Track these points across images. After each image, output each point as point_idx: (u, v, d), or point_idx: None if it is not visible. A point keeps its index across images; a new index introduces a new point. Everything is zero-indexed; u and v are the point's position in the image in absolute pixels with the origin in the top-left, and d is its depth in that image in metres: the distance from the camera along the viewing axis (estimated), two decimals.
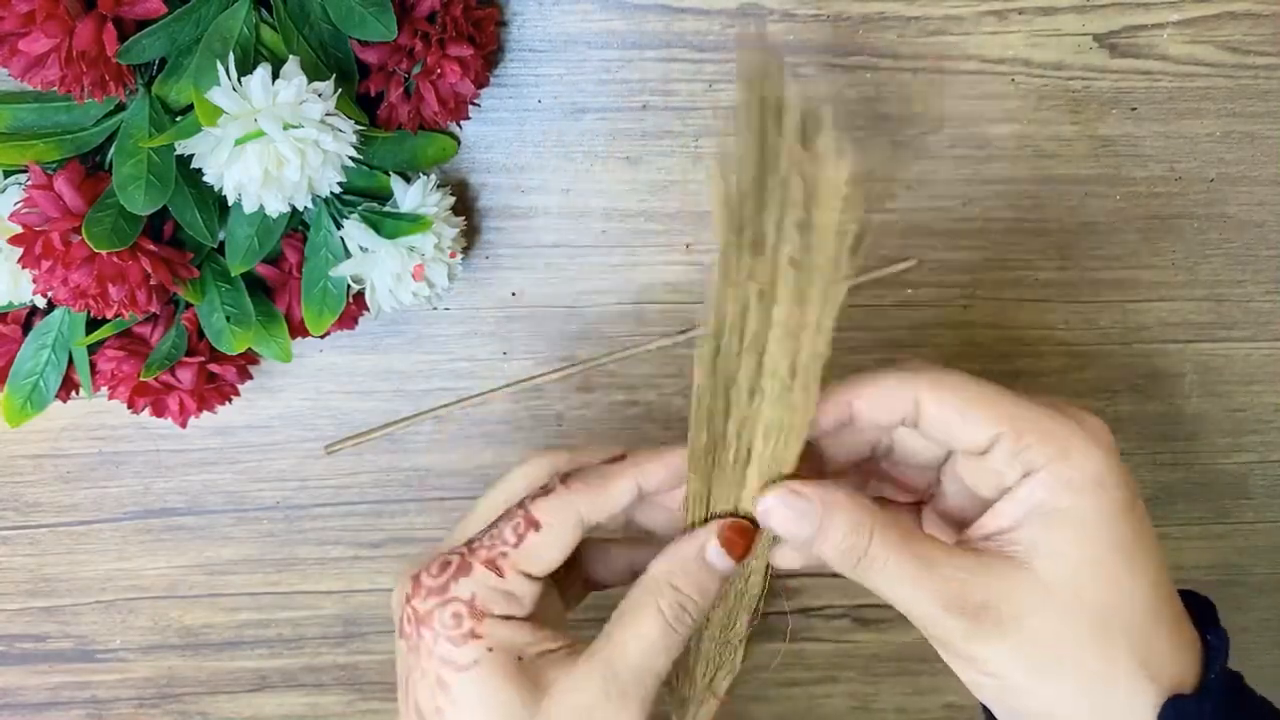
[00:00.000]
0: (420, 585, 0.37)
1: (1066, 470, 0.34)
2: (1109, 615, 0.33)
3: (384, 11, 0.38)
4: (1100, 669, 0.33)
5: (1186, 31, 0.46)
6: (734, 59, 0.45)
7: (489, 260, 0.48)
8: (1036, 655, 0.33)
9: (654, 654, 0.36)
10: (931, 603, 0.33)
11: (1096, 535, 0.34)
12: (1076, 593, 0.33)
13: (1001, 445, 0.34)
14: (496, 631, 0.36)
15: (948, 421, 0.35)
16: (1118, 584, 0.34)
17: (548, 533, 0.37)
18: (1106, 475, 0.34)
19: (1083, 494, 0.34)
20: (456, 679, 0.35)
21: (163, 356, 0.43)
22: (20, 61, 0.35)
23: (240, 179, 0.37)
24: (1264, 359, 0.51)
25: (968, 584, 0.34)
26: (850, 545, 0.34)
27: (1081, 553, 0.34)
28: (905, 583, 0.34)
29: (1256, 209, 0.49)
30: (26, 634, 0.53)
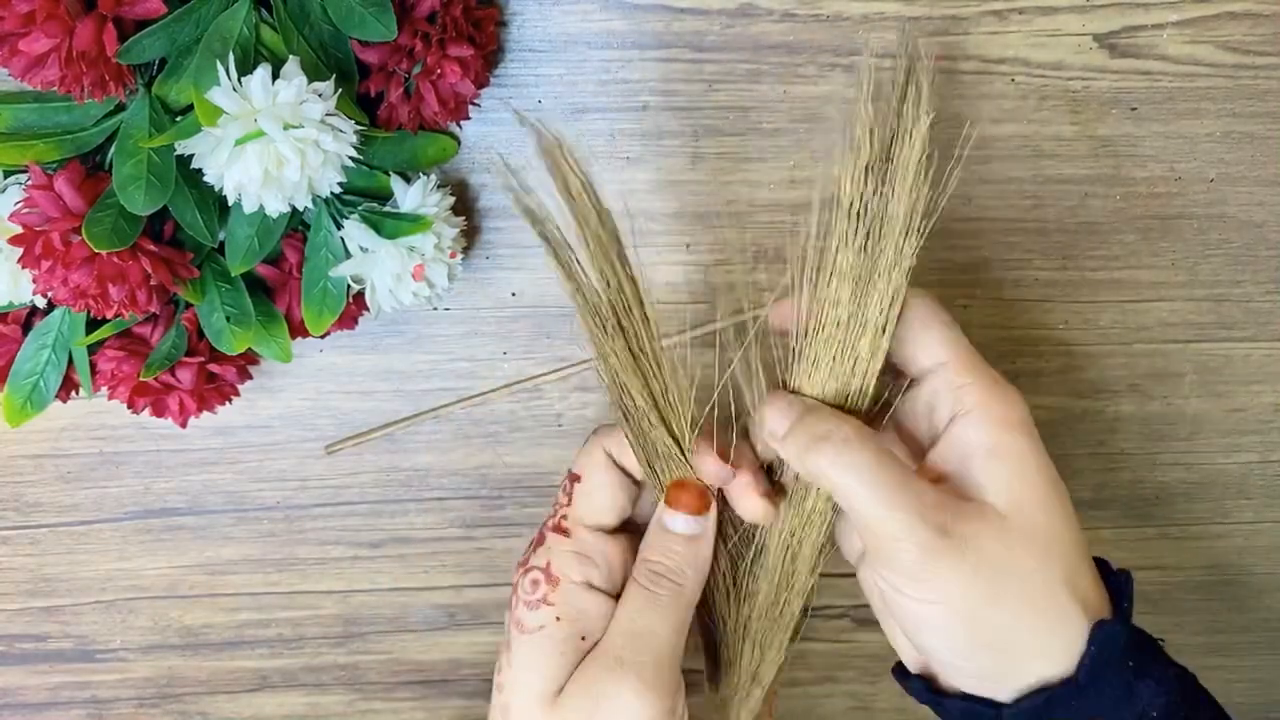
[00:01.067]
0: (518, 563, 0.40)
1: (1000, 411, 0.36)
2: (1049, 542, 0.36)
3: (384, 11, 0.38)
4: (1043, 590, 0.35)
5: (1186, 31, 0.46)
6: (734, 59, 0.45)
7: (489, 260, 0.48)
8: (991, 577, 0.35)
9: (638, 616, 0.38)
10: (901, 508, 0.35)
11: (1036, 470, 0.36)
12: (1024, 520, 0.35)
13: (943, 372, 0.37)
14: (569, 599, 0.38)
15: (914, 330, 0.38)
16: (1053, 515, 0.36)
17: (587, 479, 0.40)
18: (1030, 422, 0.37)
19: (1017, 433, 0.36)
20: (519, 640, 0.38)
21: (163, 356, 0.43)
22: (20, 61, 0.35)
23: (240, 179, 0.37)
24: (1264, 359, 0.51)
25: (936, 498, 0.35)
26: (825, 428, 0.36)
27: (1025, 485, 0.36)
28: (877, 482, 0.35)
29: (1256, 209, 0.49)
30: (26, 634, 0.53)
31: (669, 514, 0.39)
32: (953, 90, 0.46)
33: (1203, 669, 0.37)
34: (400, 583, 0.53)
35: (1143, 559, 0.55)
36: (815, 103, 0.46)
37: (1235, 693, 0.58)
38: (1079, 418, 0.52)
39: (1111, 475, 0.53)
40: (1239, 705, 0.58)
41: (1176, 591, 0.56)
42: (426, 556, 0.52)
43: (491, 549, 0.52)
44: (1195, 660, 0.38)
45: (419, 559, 0.52)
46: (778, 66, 0.45)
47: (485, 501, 0.52)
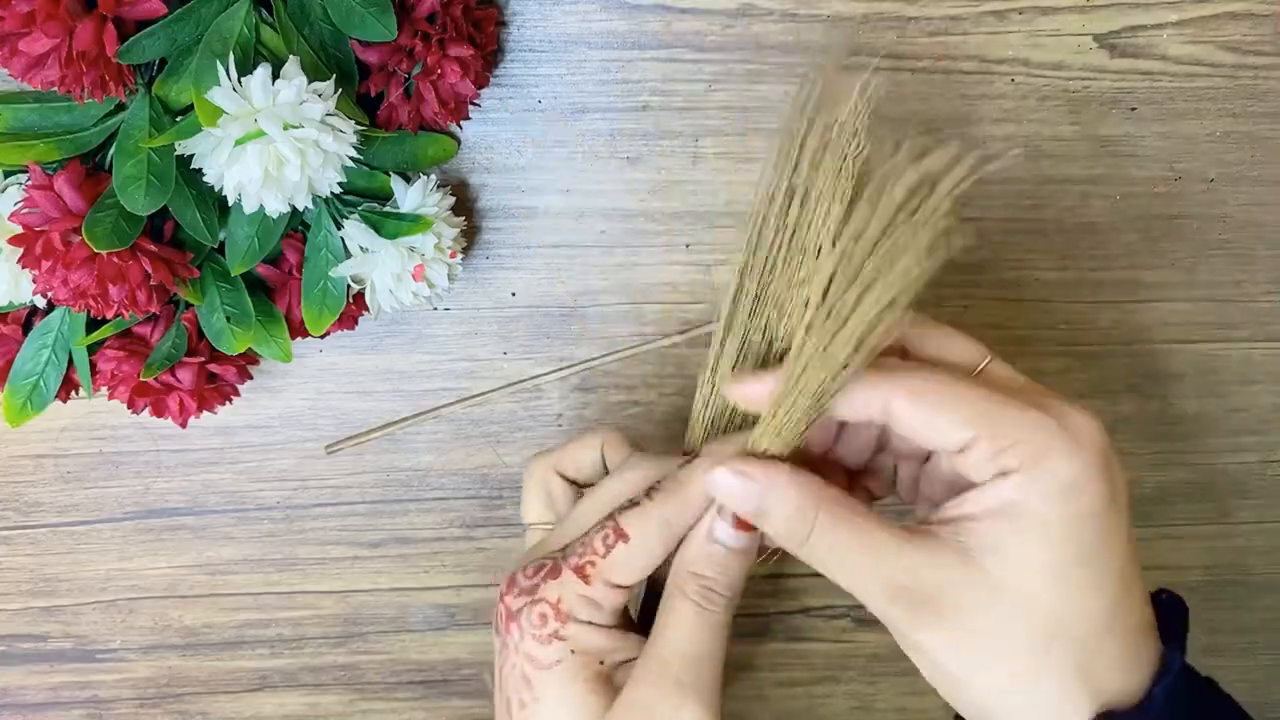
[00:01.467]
0: (514, 584, 0.38)
1: (1041, 475, 0.33)
2: (1057, 623, 0.33)
3: (384, 12, 0.38)
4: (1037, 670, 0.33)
5: (1186, 31, 0.46)
6: (734, 59, 0.45)
7: (489, 260, 0.48)
8: (974, 649, 0.33)
9: (696, 637, 0.37)
10: (874, 589, 0.34)
11: (1061, 542, 0.33)
12: (1028, 597, 0.33)
13: (978, 448, 0.34)
14: (580, 635, 0.37)
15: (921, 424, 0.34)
16: (1074, 594, 0.33)
17: (636, 543, 0.38)
18: (1083, 479, 0.33)
19: (1053, 500, 0.33)
20: (538, 676, 0.37)
21: (163, 357, 0.43)
22: (21, 61, 0.35)
23: (240, 179, 0.37)
24: (1264, 359, 0.51)
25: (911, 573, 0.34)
26: (793, 529, 0.35)
27: (1040, 558, 0.33)
28: (848, 568, 0.34)
29: (1256, 209, 0.49)
30: (26, 634, 0.53)
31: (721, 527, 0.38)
32: (953, 90, 0.46)
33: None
34: (400, 583, 0.53)
35: (1143, 559, 0.55)
36: None
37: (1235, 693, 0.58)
38: None
39: None
40: None
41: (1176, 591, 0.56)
42: (426, 556, 0.52)
43: (491, 549, 0.52)
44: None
45: (419, 559, 0.52)
46: (778, 66, 0.45)
47: (485, 501, 0.52)
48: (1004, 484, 0.33)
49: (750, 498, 0.35)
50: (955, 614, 0.33)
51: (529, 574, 0.38)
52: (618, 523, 0.38)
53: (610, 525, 0.38)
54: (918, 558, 0.34)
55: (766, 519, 0.35)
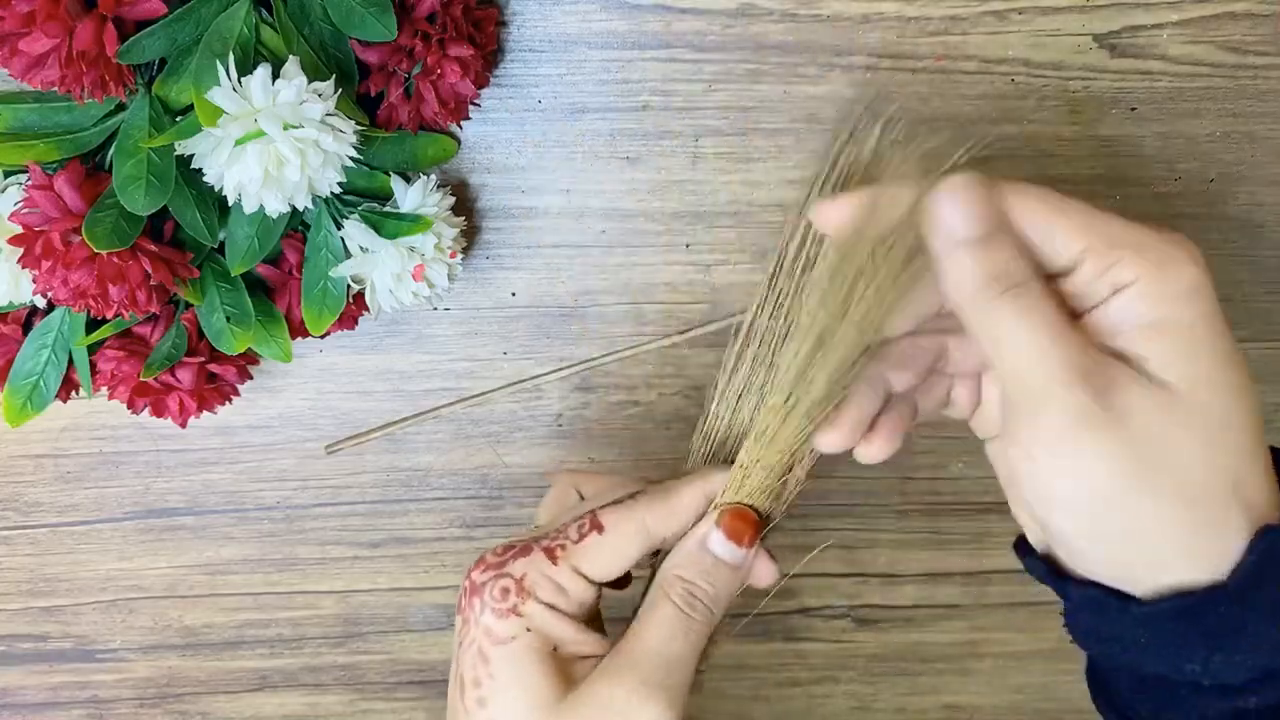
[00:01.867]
0: (483, 560, 0.38)
1: (1164, 282, 0.31)
2: (1221, 430, 0.31)
3: (384, 12, 0.38)
4: (1203, 485, 0.31)
5: (1186, 31, 0.46)
6: (734, 59, 0.45)
7: (489, 260, 0.48)
8: (1144, 459, 0.31)
9: (671, 640, 0.36)
10: (1061, 365, 0.31)
11: (1208, 344, 0.31)
12: (1195, 401, 0.31)
13: (1090, 261, 0.32)
14: (538, 615, 0.37)
15: (1041, 227, 0.33)
16: (1230, 399, 0.31)
17: (610, 537, 0.38)
18: (1203, 283, 0.32)
19: (1185, 304, 0.31)
20: (494, 651, 0.36)
21: (163, 357, 0.43)
22: (20, 61, 0.35)
23: (240, 179, 0.37)
24: (1264, 359, 0.51)
25: (1099, 361, 0.31)
26: (1009, 268, 0.32)
27: (1193, 362, 0.31)
28: (1042, 334, 0.31)
29: (1256, 209, 0.49)
30: (26, 634, 0.53)
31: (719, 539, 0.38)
32: (953, 90, 0.46)
33: None
34: (400, 583, 0.53)
35: None
36: (815, 103, 0.46)
37: None
38: None
39: None
40: None
41: None
42: (426, 556, 0.52)
43: None
44: None
45: (419, 559, 0.52)
46: (778, 66, 0.45)
47: (485, 501, 0.51)
48: (1125, 299, 0.32)
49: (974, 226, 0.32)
50: (1136, 414, 0.31)
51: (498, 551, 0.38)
52: (596, 515, 0.38)
53: (588, 515, 0.38)
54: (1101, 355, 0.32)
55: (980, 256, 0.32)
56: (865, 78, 0.46)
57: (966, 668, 0.56)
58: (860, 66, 0.46)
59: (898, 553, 0.53)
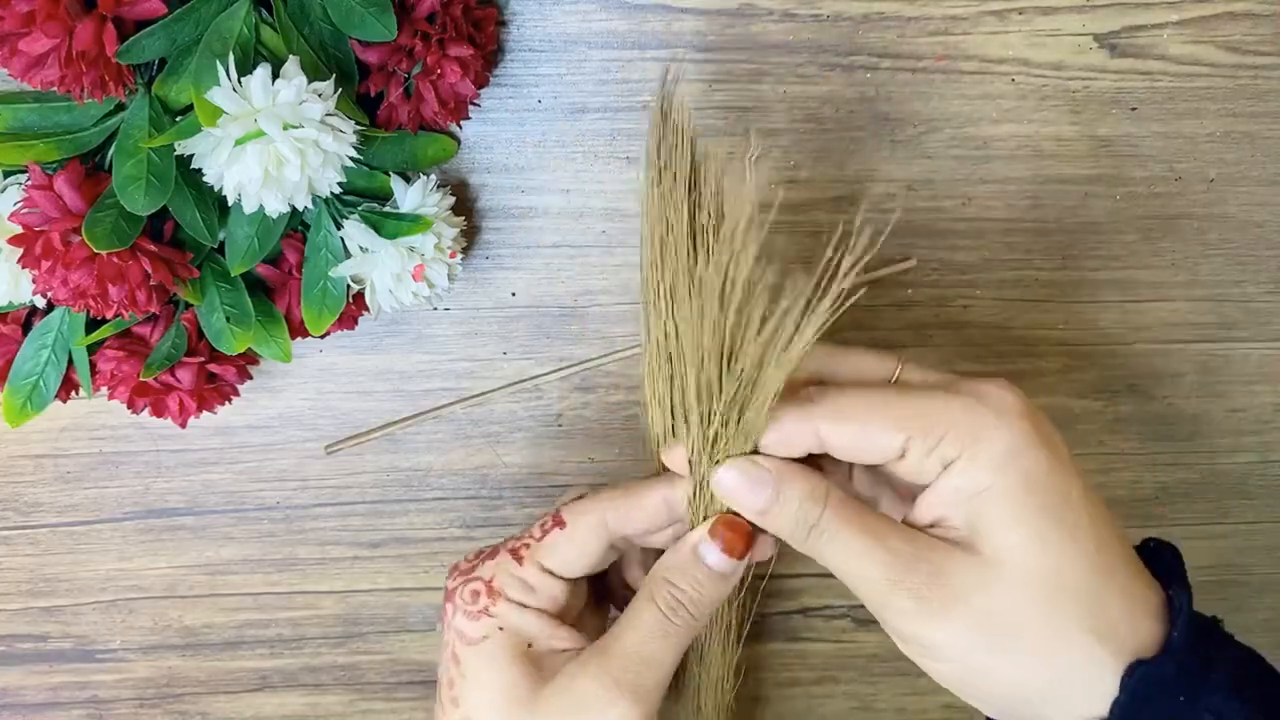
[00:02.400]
0: (455, 568, 0.40)
1: (980, 453, 0.33)
2: (1054, 583, 0.33)
3: (384, 11, 0.38)
4: (1052, 639, 0.33)
5: (1186, 31, 0.46)
6: (734, 59, 0.45)
7: (489, 260, 0.48)
8: (989, 632, 0.33)
9: (649, 641, 0.37)
10: (881, 578, 0.34)
11: (1025, 504, 0.33)
12: (1020, 564, 0.33)
13: (914, 447, 0.34)
14: (509, 614, 0.38)
15: (853, 442, 0.35)
16: (1058, 550, 0.33)
17: (571, 532, 0.39)
18: (1020, 443, 0.33)
19: (1000, 469, 0.33)
20: (466, 652, 0.37)
21: (163, 357, 0.43)
22: (20, 61, 0.35)
23: (240, 179, 0.37)
24: (1264, 359, 0.51)
25: (916, 557, 0.33)
26: (803, 516, 0.35)
27: (1016, 525, 0.33)
28: (855, 555, 0.34)
29: (1256, 209, 0.49)
30: (26, 634, 0.53)
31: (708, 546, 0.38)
32: (953, 90, 0.46)
33: None
34: (400, 583, 0.53)
35: None
36: (815, 103, 0.46)
37: None
38: (1079, 418, 0.52)
39: (1111, 475, 0.53)
40: None
41: None
42: (426, 556, 0.52)
43: None
44: None
45: (419, 559, 0.52)
46: (778, 66, 0.45)
47: (485, 501, 0.51)
48: (951, 474, 0.34)
49: (763, 489, 0.35)
50: (963, 598, 0.33)
51: (470, 558, 0.40)
52: (559, 512, 0.39)
53: (552, 513, 0.39)
54: (919, 545, 0.34)
55: (776, 512, 0.35)
56: (865, 78, 0.46)
57: None
58: (860, 66, 0.46)
59: None
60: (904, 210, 0.48)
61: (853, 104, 0.46)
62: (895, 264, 0.48)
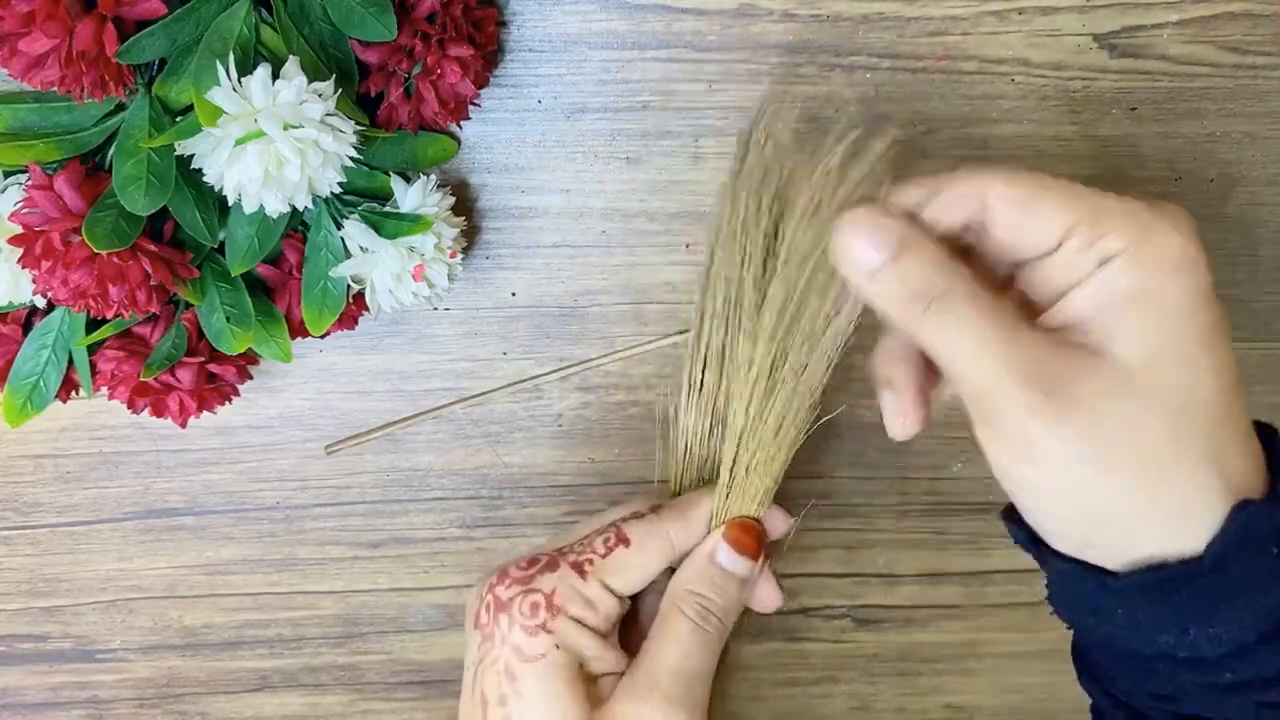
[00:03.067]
0: (507, 575, 0.38)
1: (1147, 253, 0.31)
2: (1186, 406, 0.31)
3: (384, 12, 0.38)
4: (1171, 461, 0.31)
5: (1186, 31, 0.46)
6: (734, 59, 0.45)
7: (489, 260, 0.48)
8: (1105, 442, 0.31)
9: (689, 655, 0.37)
10: (1004, 367, 0.31)
11: (1180, 320, 0.31)
12: (1156, 379, 0.31)
13: (1076, 236, 0.31)
14: (567, 631, 0.37)
15: (1020, 214, 0.32)
16: (1198, 374, 0.31)
17: (635, 551, 0.38)
18: (1189, 259, 0.31)
19: (1165, 276, 0.31)
20: (523, 669, 0.36)
21: (163, 357, 0.43)
22: (20, 61, 0.35)
23: (240, 179, 0.37)
24: (1264, 359, 0.51)
25: (1046, 357, 0.31)
26: (929, 282, 0.31)
27: (1164, 337, 0.31)
28: (979, 340, 0.31)
29: (1256, 209, 0.49)
30: (26, 634, 0.53)
31: (726, 551, 0.38)
32: (953, 90, 0.46)
33: None
34: (400, 583, 0.53)
35: None
36: (815, 103, 0.46)
37: None
38: None
39: None
40: None
41: None
42: (426, 556, 0.52)
43: (492, 549, 0.52)
44: None
45: (419, 559, 0.52)
46: (778, 66, 0.45)
47: (485, 501, 0.51)
48: (1111, 270, 0.31)
49: (879, 250, 0.32)
50: (1090, 404, 0.30)
51: (523, 565, 0.38)
52: (620, 529, 0.39)
53: (613, 530, 0.39)
54: (1050, 344, 0.31)
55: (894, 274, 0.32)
56: (865, 78, 0.46)
57: (966, 668, 0.56)
58: (860, 66, 0.46)
59: (897, 553, 0.53)
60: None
61: (852, 104, 0.46)
62: None
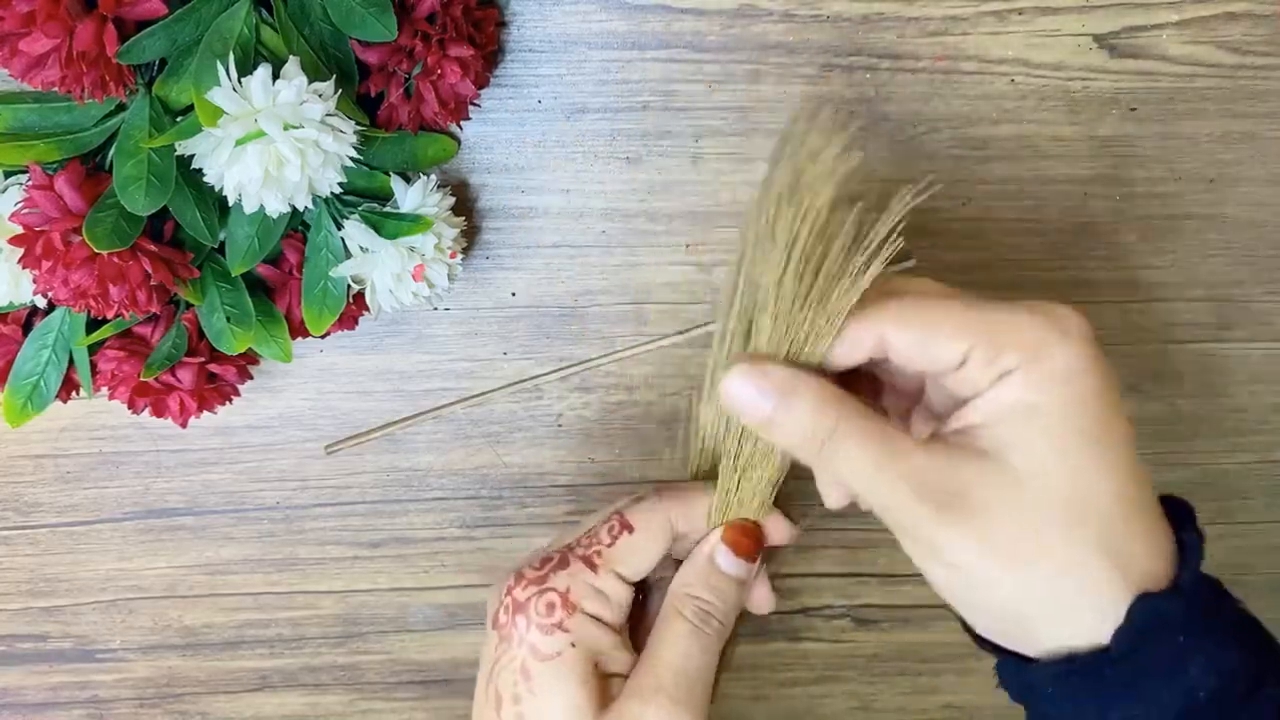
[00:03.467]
0: (523, 576, 0.38)
1: (1037, 369, 0.33)
2: (1078, 504, 0.33)
3: (384, 12, 0.38)
4: (1068, 558, 0.33)
5: (1186, 32, 0.46)
6: (734, 59, 0.45)
7: (489, 260, 0.48)
8: (1003, 544, 0.33)
9: (690, 655, 0.37)
10: (899, 488, 0.33)
11: (1065, 424, 0.33)
12: (1045, 482, 0.33)
13: (975, 356, 0.34)
14: (583, 628, 0.37)
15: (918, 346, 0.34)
16: (1087, 473, 0.33)
17: (640, 535, 0.38)
18: (1078, 365, 0.33)
19: (1054, 387, 0.33)
20: (539, 668, 0.37)
21: (163, 357, 0.43)
22: (21, 62, 0.35)
23: (240, 179, 0.37)
24: (1264, 359, 0.51)
25: (937, 472, 0.33)
26: (815, 425, 0.34)
27: (1050, 443, 0.33)
28: (873, 467, 0.33)
29: (1256, 209, 0.49)
30: (26, 634, 0.53)
31: (724, 554, 0.39)
32: (953, 90, 0.46)
33: None
34: (400, 583, 0.53)
35: None
36: (815, 103, 0.46)
37: None
38: None
39: None
40: None
41: None
42: (426, 556, 0.52)
43: (491, 549, 0.52)
44: None
45: (419, 559, 0.52)
46: (778, 66, 0.45)
47: (485, 501, 0.52)
48: (1006, 384, 0.33)
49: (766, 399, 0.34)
50: (984, 510, 0.33)
51: (536, 565, 0.38)
52: (623, 515, 0.39)
53: (615, 517, 0.39)
54: (940, 459, 0.33)
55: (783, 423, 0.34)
56: (865, 78, 0.46)
57: (966, 668, 0.56)
58: (860, 66, 0.46)
59: (897, 553, 0.53)
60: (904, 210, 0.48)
61: (853, 104, 0.46)
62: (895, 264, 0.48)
